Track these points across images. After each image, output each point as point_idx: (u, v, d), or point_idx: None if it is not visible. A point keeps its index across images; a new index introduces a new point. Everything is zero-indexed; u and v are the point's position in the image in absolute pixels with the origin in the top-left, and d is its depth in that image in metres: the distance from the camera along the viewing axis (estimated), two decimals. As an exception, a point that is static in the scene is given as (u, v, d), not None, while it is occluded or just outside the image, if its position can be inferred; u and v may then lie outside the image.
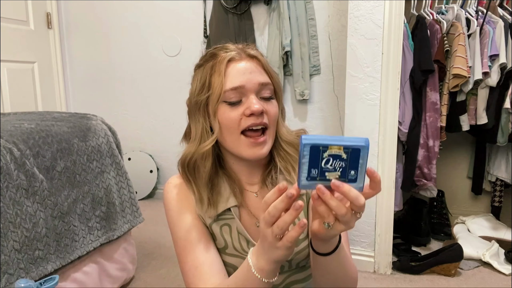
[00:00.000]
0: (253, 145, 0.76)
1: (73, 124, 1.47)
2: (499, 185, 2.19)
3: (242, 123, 0.76)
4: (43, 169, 1.27)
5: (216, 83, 0.76)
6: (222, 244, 0.81)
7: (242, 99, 0.76)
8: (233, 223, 0.81)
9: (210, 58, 0.80)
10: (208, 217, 0.81)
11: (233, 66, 0.77)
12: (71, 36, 2.99)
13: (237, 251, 0.81)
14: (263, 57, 0.81)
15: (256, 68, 0.78)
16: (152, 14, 2.78)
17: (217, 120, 0.78)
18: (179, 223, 0.81)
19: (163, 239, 2.17)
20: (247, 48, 0.81)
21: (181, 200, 0.82)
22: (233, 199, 0.81)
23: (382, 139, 1.71)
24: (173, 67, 2.79)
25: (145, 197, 2.87)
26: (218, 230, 0.81)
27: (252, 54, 0.79)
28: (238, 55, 0.78)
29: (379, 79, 1.68)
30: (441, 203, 2.25)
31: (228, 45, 0.81)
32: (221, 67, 0.76)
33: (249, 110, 0.75)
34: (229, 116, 0.76)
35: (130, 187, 1.63)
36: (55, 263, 1.26)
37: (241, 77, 0.76)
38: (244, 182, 0.84)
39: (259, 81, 0.77)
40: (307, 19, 2.33)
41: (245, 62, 0.77)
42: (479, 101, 1.88)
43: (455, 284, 1.71)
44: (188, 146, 0.83)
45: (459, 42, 1.78)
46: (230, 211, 0.81)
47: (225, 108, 0.77)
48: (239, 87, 0.75)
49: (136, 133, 2.97)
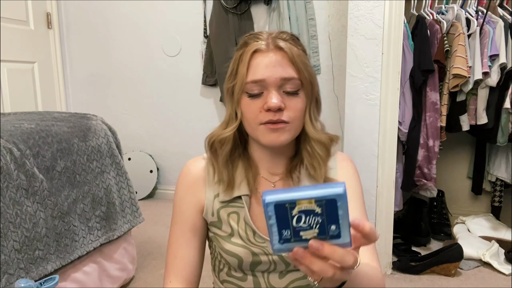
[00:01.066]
0: (271, 131, 0.75)
1: (73, 124, 1.47)
2: (499, 185, 2.19)
3: (260, 116, 0.75)
4: (43, 169, 1.27)
5: (241, 73, 0.76)
6: (228, 231, 0.81)
7: (263, 92, 0.75)
8: (242, 211, 0.81)
9: (243, 45, 0.79)
10: (219, 202, 0.82)
11: (258, 58, 0.75)
12: (71, 36, 2.99)
13: (243, 240, 0.80)
14: (295, 48, 0.76)
15: (282, 61, 0.74)
16: (152, 14, 2.78)
17: (240, 109, 0.78)
18: (178, 209, 0.85)
19: (163, 239, 2.16)
20: (278, 38, 0.77)
21: (187, 188, 0.84)
22: (245, 187, 0.81)
23: (382, 139, 1.71)
24: (173, 67, 2.79)
25: (145, 197, 2.87)
26: (226, 217, 0.82)
27: (280, 45, 0.75)
28: (265, 46, 0.75)
29: (379, 79, 1.68)
30: (441, 203, 2.25)
31: (262, 33, 0.79)
32: (246, 57, 0.75)
33: (266, 105, 0.73)
34: (249, 108, 0.76)
35: (130, 187, 1.63)
36: (55, 263, 1.26)
37: (263, 71, 0.74)
38: (263, 170, 0.84)
39: (281, 75, 0.74)
40: (307, 19, 2.33)
41: (271, 54, 0.75)
42: (479, 101, 1.88)
43: (455, 284, 1.71)
44: (218, 127, 0.84)
45: (459, 42, 1.78)
46: (240, 199, 0.81)
47: (246, 100, 0.76)
48: (259, 81, 0.74)
49: (136, 133, 2.97)
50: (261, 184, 0.83)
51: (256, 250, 0.80)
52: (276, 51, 0.75)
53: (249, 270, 0.81)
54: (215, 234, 0.83)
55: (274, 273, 0.82)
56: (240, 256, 0.79)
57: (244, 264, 0.80)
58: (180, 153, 2.87)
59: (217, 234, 0.83)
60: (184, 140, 2.85)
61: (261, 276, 0.82)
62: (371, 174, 1.73)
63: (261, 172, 0.84)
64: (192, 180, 0.84)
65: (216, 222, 0.83)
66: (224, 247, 0.81)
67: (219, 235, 0.83)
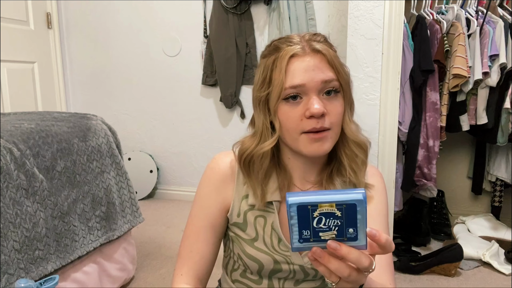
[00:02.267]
0: (313, 141, 0.72)
1: (73, 124, 1.47)
2: (499, 185, 2.19)
3: (302, 124, 0.71)
4: (43, 169, 1.27)
5: (277, 80, 0.72)
6: (252, 234, 0.80)
7: (303, 97, 0.72)
8: (270, 217, 0.79)
9: (274, 51, 0.75)
10: (247, 204, 0.80)
11: (295, 63, 0.72)
12: (71, 36, 2.99)
13: (266, 247, 0.79)
14: (331, 50, 0.74)
15: (320, 64, 0.72)
16: (152, 14, 2.78)
17: (278, 119, 0.74)
18: (201, 203, 0.83)
19: (163, 239, 2.17)
20: (313, 40, 0.74)
21: (214, 184, 0.82)
22: (277, 194, 0.78)
23: (382, 139, 1.71)
24: (173, 67, 2.79)
25: (145, 197, 2.87)
26: (252, 220, 0.80)
27: (317, 48, 0.72)
28: (301, 50, 0.72)
29: (379, 79, 1.68)
30: (441, 203, 2.25)
31: (293, 36, 0.75)
32: (282, 63, 0.72)
33: (309, 112, 0.70)
34: (289, 116, 0.72)
35: (130, 187, 1.63)
36: (55, 263, 1.26)
37: (303, 75, 0.71)
38: (296, 178, 0.81)
39: (322, 78, 0.71)
40: (307, 19, 2.33)
41: (309, 58, 0.72)
42: (479, 101, 1.88)
43: (455, 284, 1.71)
44: (249, 139, 0.78)
45: (459, 42, 1.78)
46: (271, 204, 0.79)
47: (285, 108, 0.73)
48: (299, 86, 0.71)
49: (136, 133, 2.97)
50: (291, 191, 0.81)
51: (279, 258, 0.79)
52: (314, 54, 0.72)
53: (267, 275, 0.81)
54: (237, 235, 0.82)
55: (291, 281, 0.81)
56: (262, 263, 0.78)
57: (264, 270, 0.79)
58: (180, 153, 2.87)
59: (239, 236, 0.81)
60: (184, 140, 2.85)
61: (277, 282, 0.81)
62: (371, 174, 1.73)
63: (294, 181, 0.82)
64: (220, 176, 0.82)
65: (241, 224, 0.81)
66: (246, 251, 0.80)
67: (242, 238, 0.81)
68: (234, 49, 2.50)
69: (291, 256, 0.78)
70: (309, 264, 0.79)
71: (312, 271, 0.79)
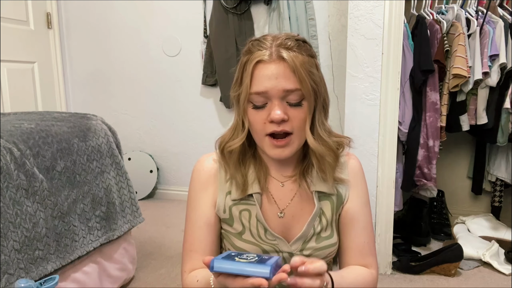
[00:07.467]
0: (276, 147, 0.77)
1: (73, 124, 1.47)
2: (499, 185, 2.19)
3: (265, 127, 0.76)
4: (43, 169, 1.27)
5: (245, 83, 0.76)
6: (239, 228, 0.83)
7: (267, 102, 0.76)
8: (254, 209, 0.83)
9: (247, 53, 0.78)
10: (230, 200, 0.84)
11: (261, 69, 0.75)
12: (71, 36, 2.99)
13: (254, 238, 0.82)
14: (300, 56, 0.75)
15: (284, 72, 0.74)
16: (152, 14, 2.78)
17: (247, 119, 0.79)
18: (193, 205, 0.87)
19: (163, 239, 2.17)
20: (283, 46, 0.75)
21: (201, 184, 0.86)
22: (256, 185, 0.83)
23: (382, 139, 1.72)
24: (173, 67, 2.79)
25: (145, 197, 2.87)
26: (238, 214, 0.83)
27: (283, 56, 0.74)
28: (269, 57, 0.74)
29: (379, 79, 1.68)
30: (441, 203, 2.25)
31: (267, 39, 0.77)
32: (249, 67, 0.76)
33: (270, 117, 0.75)
34: (254, 118, 0.77)
35: (130, 187, 1.63)
36: (55, 263, 1.26)
37: (266, 82, 0.74)
38: (273, 170, 0.86)
39: (284, 87, 0.74)
40: (307, 19, 2.33)
41: (274, 66, 0.74)
42: (479, 101, 1.88)
43: (455, 284, 1.71)
44: (227, 131, 0.85)
45: (459, 42, 1.78)
46: (252, 197, 0.83)
47: (251, 110, 0.78)
48: (263, 92, 0.75)
49: (136, 133, 2.97)
50: (271, 183, 0.85)
51: (267, 247, 0.82)
52: (279, 61, 0.74)
53: None
54: (226, 231, 0.85)
55: None
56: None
57: None
58: (180, 153, 2.87)
59: (228, 231, 0.85)
60: (184, 140, 2.85)
61: None
62: (371, 174, 1.73)
63: (271, 172, 0.86)
64: (205, 176, 0.86)
65: (228, 219, 0.84)
66: (235, 244, 0.83)
67: (230, 232, 0.84)
68: (234, 49, 2.50)
69: (278, 244, 0.82)
70: (298, 251, 0.83)
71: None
